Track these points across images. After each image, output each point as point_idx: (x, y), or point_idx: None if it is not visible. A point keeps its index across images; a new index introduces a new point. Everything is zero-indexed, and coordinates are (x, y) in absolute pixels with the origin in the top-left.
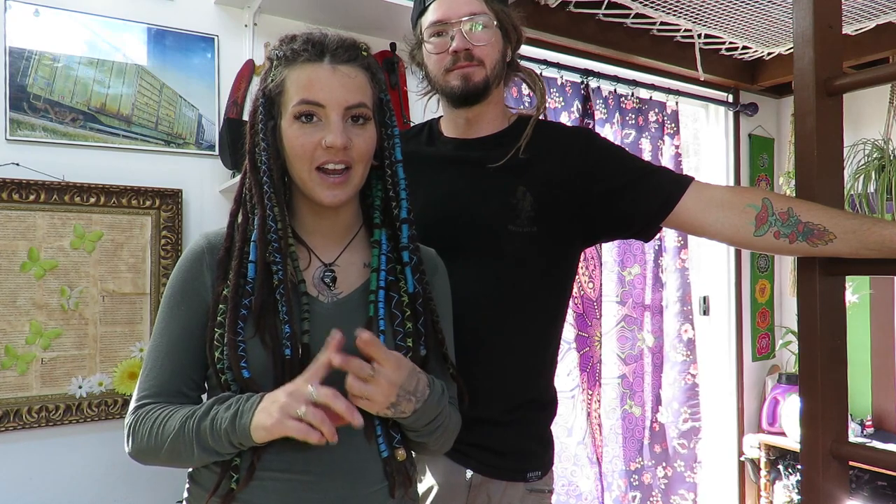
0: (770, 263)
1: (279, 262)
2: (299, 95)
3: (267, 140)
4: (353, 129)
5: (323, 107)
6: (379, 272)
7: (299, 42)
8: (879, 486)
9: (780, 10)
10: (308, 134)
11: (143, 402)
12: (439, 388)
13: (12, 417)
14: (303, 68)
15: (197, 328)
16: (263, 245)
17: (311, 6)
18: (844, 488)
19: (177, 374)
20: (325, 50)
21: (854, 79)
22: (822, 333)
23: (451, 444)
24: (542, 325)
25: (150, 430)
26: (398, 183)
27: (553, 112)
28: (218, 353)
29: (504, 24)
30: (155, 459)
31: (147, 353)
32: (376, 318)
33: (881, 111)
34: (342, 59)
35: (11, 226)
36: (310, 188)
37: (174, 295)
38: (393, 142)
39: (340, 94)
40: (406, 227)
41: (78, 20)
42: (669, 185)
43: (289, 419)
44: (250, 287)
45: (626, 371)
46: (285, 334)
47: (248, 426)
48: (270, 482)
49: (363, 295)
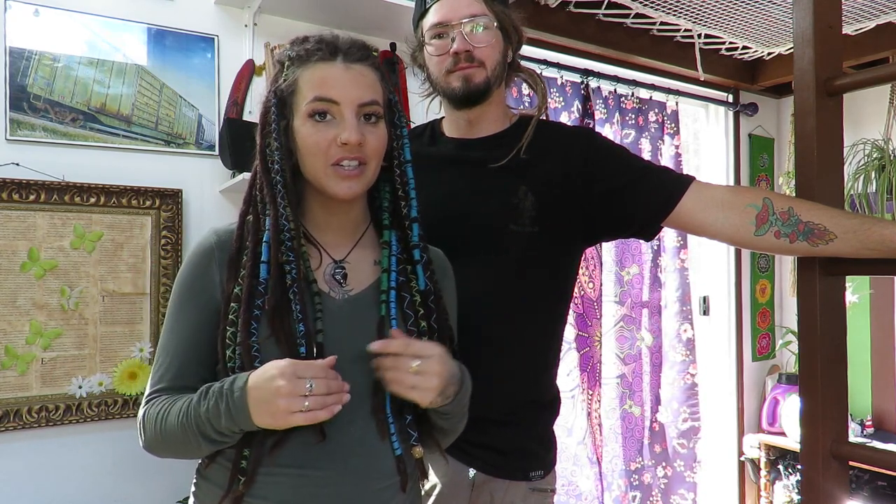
0: (770, 263)
1: (292, 261)
2: (313, 93)
3: (280, 140)
4: (365, 126)
5: (337, 104)
6: (390, 272)
7: (312, 42)
8: (879, 486)
9: (780, 10)
10: (322, 131)
11: (153, 396)
12: (465, 371)
13: (12, 417)
14: (316, 67)
15: (206, 324)
16: (276, 245)
17: (311, 6)
18: (844, 488)
19: (186, 370)
20: (337, 49)
21: (854, 79)
22: (822, 333)
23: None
24: (544, 324)
25: (155, 422)
26: (407, 182)
27: (553, 112)
28: (230, 353)
29: (505, 26)
30: (165, 452)
31: (158, 349)
32: (388, 318)
33: (881, 111)
34: (354, 58)
35: (11, 226)
36: (324, 183)
37: (183, 291)
38: (402, 142)
39: (354, 92)
40: (416, 226)
41: (78, 20)
42: (670, 185)
43: (292, 415)
44: (263, 287)
45: (625, 371)
46: (300, 333)
47: (245, 413)
48: (282, 478)
49: (374, 292)
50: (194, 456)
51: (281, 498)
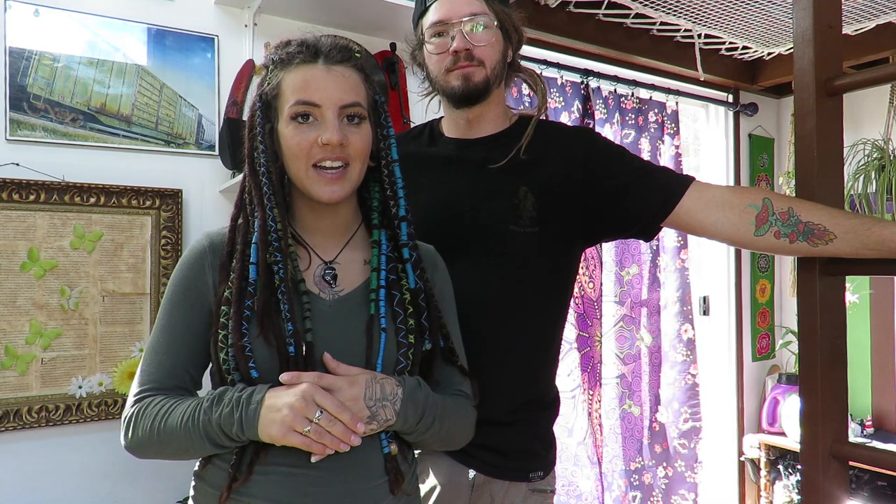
0: (770, 263)
1: (280, 261)
2: (295, 96)
3: (265, 143)
4: (348, 127)
5: (318, 106)
6: (379, 271)
7: (294, 45)
8: (879, 486)
9: (780, 10)
10: (304, 133)
11: (144, 395)
12: (413, 383)
13: (12, 417)
14: (297, 70)
15: (198, 325)
16: (264, 246)
17: (311, 6)
18: (844, 488)
19: (176, 370)
20: (319, 51)
21: (854, 79)
22: (822, 333)
23: (466, 434)
24: (544, 325)
25: (152, 422)
26: (395, 182)
27: (553, 112)
28: (223, 355)
29: (505, 25)
30: (155, 452)
31: (147, 348)
32: (377, 317)
33: (881, 111)
34: (336, 60)
35: (11, 226)
36: (307, 186)
37: (176, 293)
38: (389, 142)
39: (335, 94)
40: (405, 224)
41: (78, 20)
42: (670, 185)
43: (293, 434)
44: (252, 288)
45: (624, 371)
46: (288, 332)
47: (255, 425)
48: (275, 476)
49: (365, 292)
50: (185, 458)
51: (273, 496)
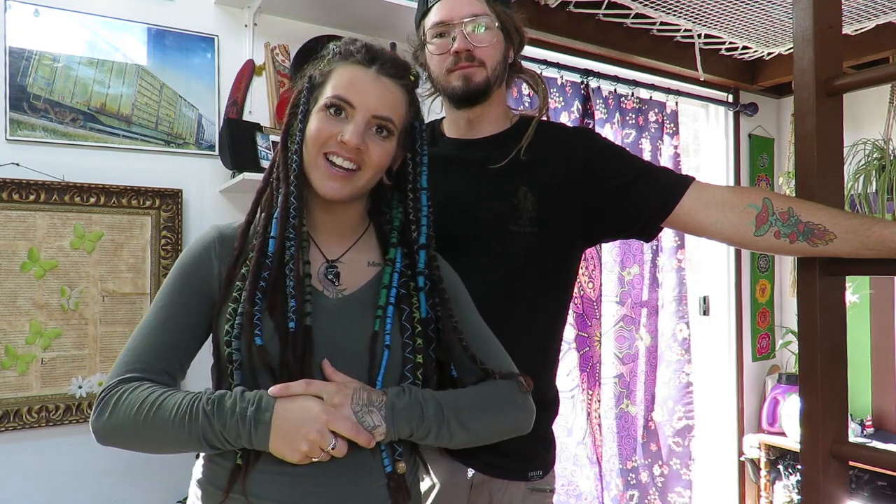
0: (770, 263)
1: (293, 238)
2: (335, 91)
3: (303, 123)
4: (373, 136)
5: (353, 107)
6: (390, 289)
7: (358, 45)
8: (879, 486)
9: (780, 10)
10: (329, 124)
11: (129, 377)
12: (397, 389)
13: (12, 417)
14: (350, 67)
15: (194, 310)
16: (284, 221)
17: (311, 6)
18: (844, 488)
19: (167, 352)
20: (376, 58)
21: (854, 79)
22: (822, 333)
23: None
24: (544, 324)
25: (138, 409)
26: (420, 209)
27: (553, 112)
28: (227, 326)
29: (506, 26)
30: (131, 440)
31: (138, 327)
32: (382, 333)
33: (881, 111)
34: (387, 73)
35: (11, 226)
36: (312, 173)
37: (178, 276)
38: (420, 169)
39: (373, 101)
40: (423, 252)
41: (78, 20)
42: (670, 185)
43: (305, 459)
44: (270, 261)
45: (623, 371)
46: (290, 308)
47: (265, 442)
48: (277, 476)
49: (368, 293)
50: (161, 452)
51: (276, 496)
